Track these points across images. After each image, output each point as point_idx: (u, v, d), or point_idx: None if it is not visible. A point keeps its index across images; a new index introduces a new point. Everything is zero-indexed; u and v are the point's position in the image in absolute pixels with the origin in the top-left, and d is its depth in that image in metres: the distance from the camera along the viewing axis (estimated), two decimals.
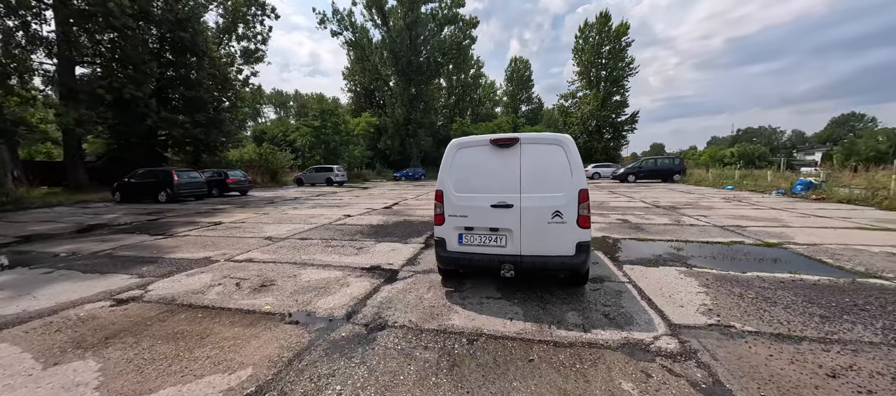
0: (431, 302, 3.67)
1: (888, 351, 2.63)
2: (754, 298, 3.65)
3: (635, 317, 3.26)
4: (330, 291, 4.05)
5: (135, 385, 2.37)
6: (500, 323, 3.17)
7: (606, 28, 39.73)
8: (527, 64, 65.61)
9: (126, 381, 2.41)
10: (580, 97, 42.46)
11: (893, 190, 10.34)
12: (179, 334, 3.07)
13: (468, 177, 3.80)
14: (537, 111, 66.22)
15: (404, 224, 8.60)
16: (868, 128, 74.71)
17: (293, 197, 17.31)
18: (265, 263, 5.26)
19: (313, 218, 9.82)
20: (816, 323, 3.09)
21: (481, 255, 3.70)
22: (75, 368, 2.58)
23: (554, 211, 3.52)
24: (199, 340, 2.96)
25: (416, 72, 42.71)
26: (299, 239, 7.02)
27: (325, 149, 32.54)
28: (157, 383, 2.38)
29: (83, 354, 2.77)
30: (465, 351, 2.72)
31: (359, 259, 5.43)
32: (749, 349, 2.71)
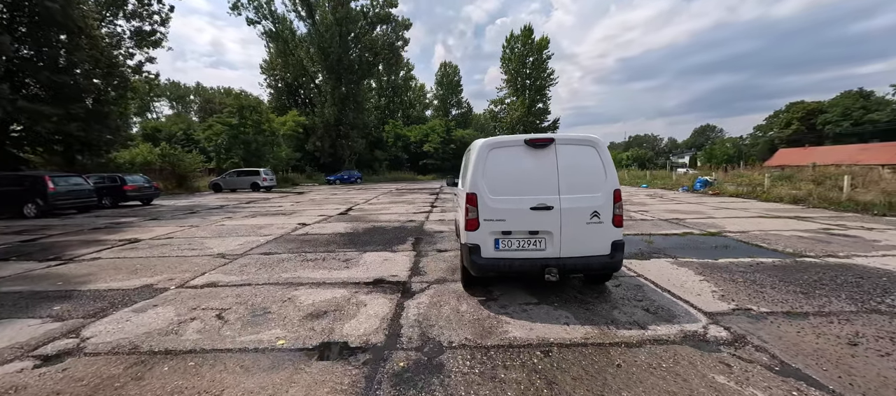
0: (473, 315, 3.40)
1: (870, 317, 3.21)
2: (744, 282, 4.18)
3: (672, 309, 3.45)
4: (347, 314, 3.47)
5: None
6: (560, 330, 3.06)
7: (530, 41, 43.08)
8: (456, 69, 67.47)
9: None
10: (508, 103, 45.22)
11: (767, 185, 13.13)
12: (178, 394, 2.28)
13: (504, 179, 3.62)
14: (467, 115, 68.49)
15: (376, 230, 7.98)
16: (719, 136, 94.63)
17: (217, 204, 14.90)
18: (237, 287, 4.33)
19: (262, 228, 8.53)
20: (803, 299, 3.64)
21: (522, 260, 3.55)
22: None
23: (592, 211, 3.54)
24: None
25: (347, 70, 40.65)
26: (262, 254, 5.99)
27: (245, 150, 28.86)
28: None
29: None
30: (550, 365, 2.54)
31: (354, 273, 4.82)
32: (778, 328, 3.05)
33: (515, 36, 43.70)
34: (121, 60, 21.70)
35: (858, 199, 9.52)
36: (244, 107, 29.58)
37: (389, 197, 17.33)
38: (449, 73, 66.88)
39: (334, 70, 39.90)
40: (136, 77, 23.15)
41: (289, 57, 41.86)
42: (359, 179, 35.16)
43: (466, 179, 3.86)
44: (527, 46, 42.62)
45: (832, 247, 5.70)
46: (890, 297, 3.65)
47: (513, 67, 43.36)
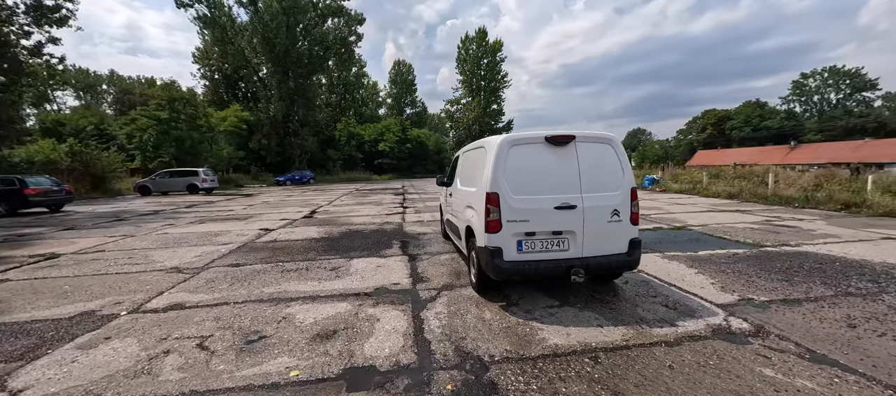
0: (501, 323, 3.18)
1: (848, 300, 3.56)
2: (733, 273, 4.48)
3: (687, 304, 3.54)
4: (361, 331, 3.06)
5: None
6: (597, 333, 2.96)
7: (484, 43, 43.98)
8: (410, 68, 66.79)
9: None
10: (464, 104, 45.74)
11: (705, 182, 14.67)
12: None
13: (527, 177, 3.45)
14: (422, 115, 68.16)
15: (353, 234, 7.42)
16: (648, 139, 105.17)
17: (150, 210, 12.96)
18: (213, 307, 3.65)
19: (218, 236, 7.50)
20: (788, 286, 3.97)
21: (547, 262, 3.41)
22: None
23: (613, 209, 3.52)
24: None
25: (296, 63, 38.13)
26: (229, 266, 5.20)
27: (177, 147, 25.68)
28: None
29: None
30: (605, 373, 2.42)
31: (349, 283, 4.35)
32: (784, 315, 3.25)
33: (470, 37, 44.35)
34: (12, 39, 18.09)
35: (781, 194, 10.99)
36: (176, 99, 26.32)
37: (353, 198, 16.47)
38: (403, 72, 65.99)
39: (281, 63, 37.22)
40: (33, 60, 19.45)
41: (228, 46, 38.20)
42: (311, 180, 33.15)
43: (482, 179, 3.62)
44: (481, 48, 43.46)
45: (782, 237, 6.40)
46: (852, 280, 4.12)
47: (468, 68, 43.94)
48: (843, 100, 66.44)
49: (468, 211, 4.08)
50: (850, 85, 66.13)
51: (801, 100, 70.82)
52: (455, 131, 45.09)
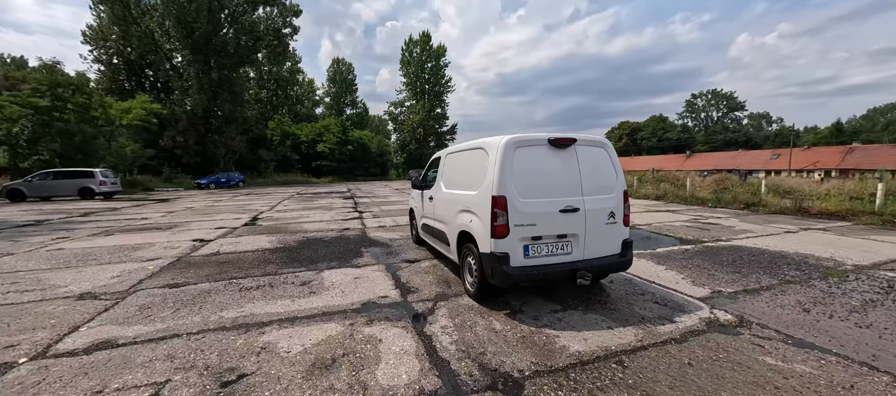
0: (514, 333, 3.03)
1: (791, 286, 4.11)
2: (693, 267, 4.93)
3: (673, 299, 3.77)
4: (365, 357, 2.67)
5: None
6: (611, 336, 2.97)
7: (428, 46, 44.12)
8: (350, 67, 64.15)
9: None
10: (408, 107, 45.31)
11: (636, 186, 16.37)
12: None
13: (533, 180, 3.37)
14: (363, 116, 65.88)
15: (313, 243, 6.69)
16: None
17: (31, 219, 10.32)
18: (158, 342, 2.91)
19: (137, 251, 6.20)
20: (741, 278, 4.46)
21: (554, 265, 3.35)
22: None
23: (610, 212, 3.60)
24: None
25: (220, 53, 34.17)
26: (165, 286, 4.27)
27: (63, 143, 21.09)
28: None
29: None
30: (636, 378, 2.39)
31: (329, 299, 3.83)
32: (753, 305, 3.62)
33: (414, 40, 44.16)
34: None
35: (697, 196, 12.71)
36: (60, 84, 21.63)
37: (297, 202, 15.09)
38: (342, 70, 63.18)
39: (202, 51, 33.06)
40: None
41: (132, 26, 32.73)
42: (241, 182, 29.89)
43: (485, 182, 3.45)
44: (426, 52, 43.52)
45: (713, 233, 7.32)
46: (783, 269, 4.80)
47: (412, 71, 43.64)
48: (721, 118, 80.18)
49: (463, 215, 3.86)
50: (727, 105, 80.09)
51: (692, 117, 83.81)
52: (399, 134, 44.33)
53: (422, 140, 44.53)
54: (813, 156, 44.83)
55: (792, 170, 40.57)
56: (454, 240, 4.14)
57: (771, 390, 2.26)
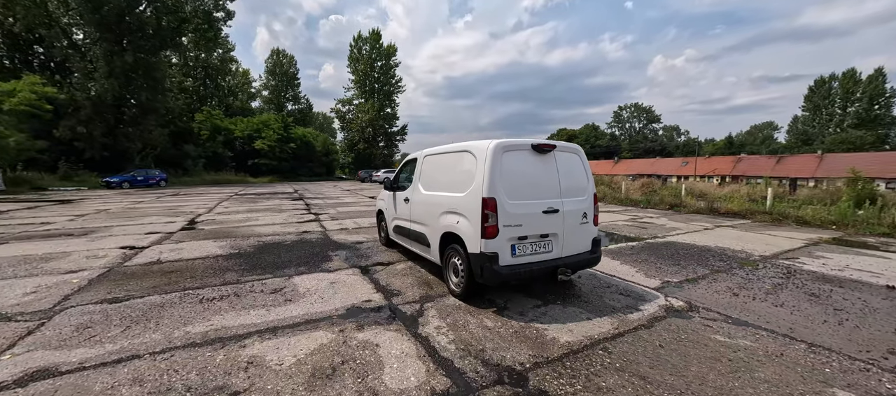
0: (506, 329, 3.17)
1: (719, 275, 4.85)
2: (642, 262, 5.55)
3: (634, 290, 4.22)
4: (367, 363, 2.60)
5: None
6: (592, 326, 3.25)
7: (379, 45, 43.23)
8: (292, 59, 60.24)
9: None
10: (357, 105, 43.90)
11: None
12: None
13: (519, 182, 3.55)
14: (306, 112, 62.28)
15: (272, 247, 6.22)
16: None
17: None
18: (115, 365, 2.53)
19: (51, 262, 5.23)
20: (682, 269, 5.15)
21: (538, 263, 3.57)
22: None
23: (583, 212, 3.93)
24: None
25: (136, 32, 29.91)
26: (103, 301, 3.68)
27: None
28: None
29: None
30: (623, 361, 2.67)
31: (308, 307, 3.63)
32: (696, 292, 4.21)
33: (364, 37, 42.92)
34: None
35: (631, 198, 14.24)
36: None
37: (239, 204, 13.80)
38: (283, 63, 59.12)
39: (112, 29, 28.69)
40: None
41: None
42: (163, 182, 26.47)
43: (473, 184, 3.56)
44: (376, 50, 42.55)
45: (650, 231, 8.28)
46: (710, 260, 5.62)
47: (361, 68, 42.35)
48: (642, 128, 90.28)
49: (448, 217, 3.92)
50: (646, 117, 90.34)
51: (619, 126, 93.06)
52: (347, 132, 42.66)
53: (371, 140, 43.37)
54: (712, 163, 52.54)
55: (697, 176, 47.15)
56: (436, 242, 4.18)
57: (726, 362, 2.67)
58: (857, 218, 8.78)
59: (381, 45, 42.80)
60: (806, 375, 2.51)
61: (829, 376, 2.51)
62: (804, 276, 4.84)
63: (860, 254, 6.14)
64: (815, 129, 64.13)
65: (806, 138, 63.83)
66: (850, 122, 59.40)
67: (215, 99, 50.80)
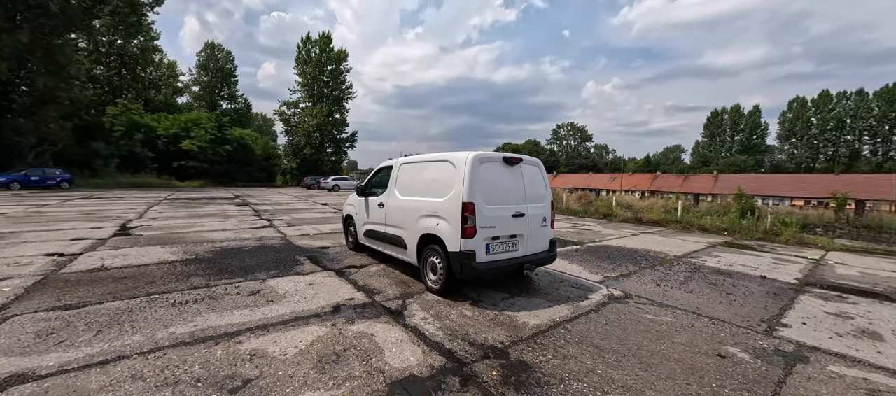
0: (484, 318, 3.61)
1: (645, 271, 5.85)
2: (586, 261, 6.42)
3: (583, 284, 4.96)
4: (368, 349, 2.86)
5: None
6: (553, 312, 3.83)
7: (329, 49, 42.09)
8: (229, 55, 55.78)
9: None
10: (304, 109, 42.06)
11: None
12: None
13: (493, 190, 4.07)
14: (244, 113, 57.80)
15: (233, 253, 5.98)
16: None
17: None
18: (100, 367, 2.47)
19: None
20: (617, 267, 6.09)
21: (507, 260, 4.10)
22: None
23: (543, 217, 4.58)
24: None
25: (36, 9, 25.66)
26: (51, 309, 3.40)
27: None
28: None
29: None
30: (581, 336, 3.27)
31: (293, 306, 3.73)
32: (629, 284, 5.08)
33: (313, 39, 41.45)
34: None
35: (571, 208, 15.80)
36: None
37: (175, 209, 12.55)
38: (219, 57, 54.51)
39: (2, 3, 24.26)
40: None
41: None
42: (66, 183, 22.80)
43: (453, 190, 4.00)
44: (325, 53, 41.33)
45: (588, 236, 9.43)
46: (639, 260, 6.70)
47: (310, 71, 40.75)
48: (577, 146, 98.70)
49: (428, 220, 4.30)
50: (581, 136, 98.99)
51: (557, 143, 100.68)
52: (292, 137, 40.49)
53: (319, 145, 41.70)
54: (635, 179, 59.43)
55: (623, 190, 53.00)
56: (414, 244, 4.51)
57: (654, 332, 3.41)
58: (742, 226, 10.89)
59: (332, 50, 41.74)
60: (708, 338, 3.33)
61: (723, 338, 3.36)
62: (706, 270, 6.05)
63: (744, 254, 7.74)
64: (711, 153, 75.88)
65: (705, 160, 75.20)
66: (737, 148, 71.47)
67: (133, 91, 45.11)
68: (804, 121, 66.61)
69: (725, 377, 2.66)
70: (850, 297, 4.82)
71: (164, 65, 52.18)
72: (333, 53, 42.14)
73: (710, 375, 2.68)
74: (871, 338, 3.50)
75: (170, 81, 52.77)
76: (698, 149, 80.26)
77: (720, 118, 76.45)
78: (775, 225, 10.77)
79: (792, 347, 3.23)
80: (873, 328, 3.76)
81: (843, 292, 5.08)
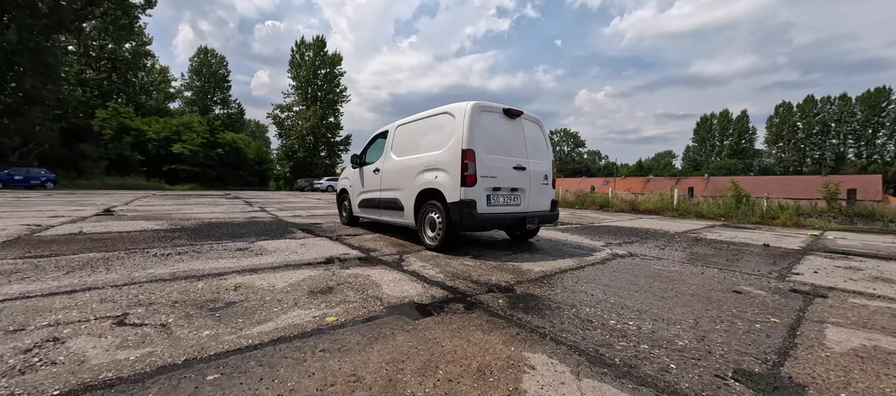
0: (488, 265, 3.43)
1: (646, 240, 5.72)
2: (588, 235, 6.27)
3: (588, 248, 4.80)
4: (364, 284, 2.66)
5: None
6: (560, 263, 3.67)
7: (322, 52, 42.09)
8: (222, 60, 55.50)
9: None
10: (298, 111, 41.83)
11: None
12: None
13: (493, 139, 3.92)
14: (237, 118, 57.30)
15: (220, 224, 5.72)
16: None
17: None
18: (76, 293, 2.24)
19: None
20: (620, 239, 5.95)
21: (509, 214, 3.93)
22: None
23: (544, 174, 4.44)
24: None
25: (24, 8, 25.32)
26: (21, 259, 3.14)
27: None
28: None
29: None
30: (592, 276, 3.10)
31: (285, 258, 3.52)
32: (633, 248, 4.94)
33: (307, 43, 41.48)
34: None
35: (567, 201, 15.74)
36: None
37: (162, 200, 12.18)
38: (212, 63, 54.17)
39: None
40: None
41: None
42: (51, 183, 22.19)
43: (452, 139, 3.84)
44: (319, 57, 41.29)
45: (588, 220, 9.31)
46: (640, 234, 6.58)
47: (303, 75, 40.63)
48: (570, 152, 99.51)
49: (426, 174, 4.13)
50: (574, 142, 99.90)
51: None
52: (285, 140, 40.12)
53: (312, 148, 41.37)
54: (628, 183, 59.89)
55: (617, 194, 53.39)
56: (411, 202, 4.33)
57: (665, 277, 3.25)
58: (738, 212, 10.88)
59: (326, 53, 41.72)
60: (721, 281, 3.19)
61: (736, 281, 3.21)
62: (708, 241, 5.94)
63: (743, 230, 7.67)
64: (702, 157, 77.01)
65: (696, 164, 76.25)
66: (727, 152, 72.64)
67: (123, 96, 44.48)
68: (790, 126, 68.09)
69: (745, 305, 2.51)
70: (856, 258, 4.73)
71: (156, 70, 51.68)
72: (327, 57, 42.12)
73: (729, 304, 2.52)
74: (887, 282, 3.38)
75: (161, 87, 52.15)
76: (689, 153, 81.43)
77: (709, 123, 77.78)
78: (771, 209, 10.78)
79: (807, 288, 3.10)
80: (886, 276, 3.65)
81: (848, 255, 4.99)
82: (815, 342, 1.91)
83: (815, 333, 2.03)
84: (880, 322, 2.26)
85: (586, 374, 1.48)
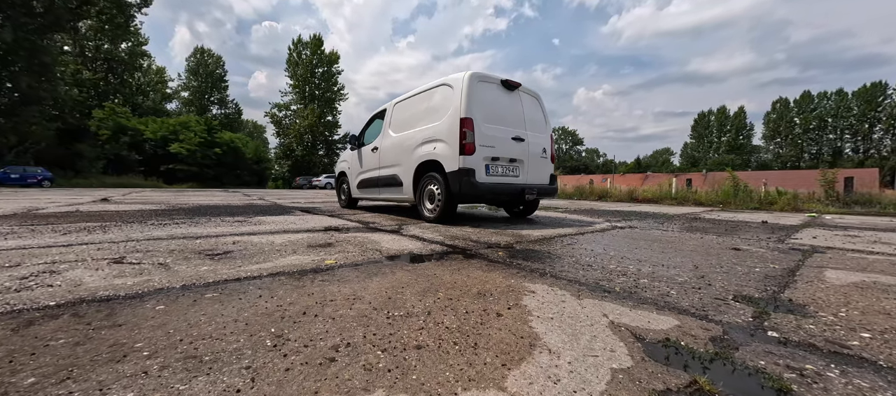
0: (488, 231, 3.42)
1: (644, 219, 5.73)
2: (590, 215, 6.28)
3: (589, 222, 4.80)
4: (362, 242, 2.65)
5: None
6: (559, 231, 3.67)
7: (319, 51, 42.04)
8: (219, 60, 55.31)
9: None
10: (296, 110, 41.77)
11: None
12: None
13: (491, 109, 3.91)
14: (234, 118, 57.16)
15: (219, 207, 5.69)
16: None
17: None
18: (70, 247, 2.23)
19: None
20: (619, 218, 5.95)
21: (507, 185, 3.92)
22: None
23: (543, 147, 4.43)
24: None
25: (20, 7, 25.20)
26: (21, 226, 3.12)
27: None
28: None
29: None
30: (588, 239, 3.10)
31: (282, 226, 3.50)
32: (633, 224, 4.93)
33: (304, 42, 41.42)
34: None
35: (566, 193, 15.77)
36: None
37: (161, 194, 12.13)
38: (209, 63, 53.98)
39: None
40: None
41: None
42: (48, 182, 22.09)
43: (451, 109, 3.83)
44: (317, 56, 41.24)
45: (588, 207, 9.31)
46: (640, 215, 6.58)
47: (300, 73, 40.58)
48: (569, 150, 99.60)
49: (425, 147, 4.12)
50: (572, 140, 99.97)
51: None
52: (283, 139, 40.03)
53: (310, 147, 41.30)
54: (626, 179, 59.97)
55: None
56: (410, 176, 4.32)
57: (664, 241, 3.26)
58: (736, 198, 10.91)
59: (323, 52, 41.66)
60: (720, 243, 3.19)
61: (736, 243, 3.22)
62: (706, 220, 5.95)
63: (742, 213, 7.69)
64: (699, 154, 77.19)
65: (694, 161, 76.43)
66: (724, 149, 72.83)
67: (120, 96, 44.36)
68: (787, 122, 68.31)
69: (744, 258, 2.51)
70: (855, 231, 4.75)
71: (153, 71, 51.56)
72: (325, 56, 42.07)
73: (728, 257, 2.52)
74: (885, 244, 3.39)
75: (158, 87, 52.01)
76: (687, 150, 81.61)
77: (707, 120, 77.98)
78: (769, 195, 10.81)
79: (806, 247, 3.11)
80: (884, 240, 3.66)
81: (847, 228, 5.01)
82: (814, 279, 1.91)
83: (815, 274, 2.03)
84: (879, 267, 2.26)
85: (586, 296, 1.48)
